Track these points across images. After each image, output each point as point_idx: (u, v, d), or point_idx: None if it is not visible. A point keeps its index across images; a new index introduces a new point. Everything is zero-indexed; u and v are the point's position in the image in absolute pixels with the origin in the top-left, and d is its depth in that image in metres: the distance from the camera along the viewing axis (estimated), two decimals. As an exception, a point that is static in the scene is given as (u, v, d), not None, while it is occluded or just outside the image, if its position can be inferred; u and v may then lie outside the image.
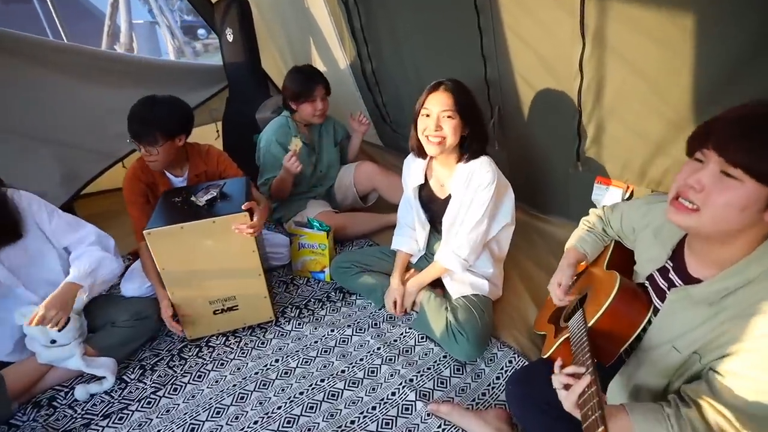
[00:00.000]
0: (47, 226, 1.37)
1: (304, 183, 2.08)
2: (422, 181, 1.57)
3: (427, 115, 1.37)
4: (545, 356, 1.11)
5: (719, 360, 0.72)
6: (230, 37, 2.45)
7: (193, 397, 1.33)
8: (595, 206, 1.32)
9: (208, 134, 2.79)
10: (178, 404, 1.31)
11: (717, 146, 0.67)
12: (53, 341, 1.31)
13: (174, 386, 1.37)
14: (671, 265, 0.87)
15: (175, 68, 2.70)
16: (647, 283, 0.93)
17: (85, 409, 1.30)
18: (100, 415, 1.28)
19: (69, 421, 1.26)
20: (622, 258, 1.11)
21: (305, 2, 2.42)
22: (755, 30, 1.01)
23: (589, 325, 0.91)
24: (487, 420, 1.16)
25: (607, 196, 1.65)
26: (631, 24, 1.22)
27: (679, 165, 1.40)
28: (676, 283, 0.84)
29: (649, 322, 0.89)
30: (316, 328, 1.58)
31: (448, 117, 1.34)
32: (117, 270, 1.43)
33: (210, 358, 1.47)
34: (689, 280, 0.81)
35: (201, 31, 9.59)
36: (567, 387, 0.78)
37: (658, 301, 0.89)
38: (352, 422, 1.22)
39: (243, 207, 1.37)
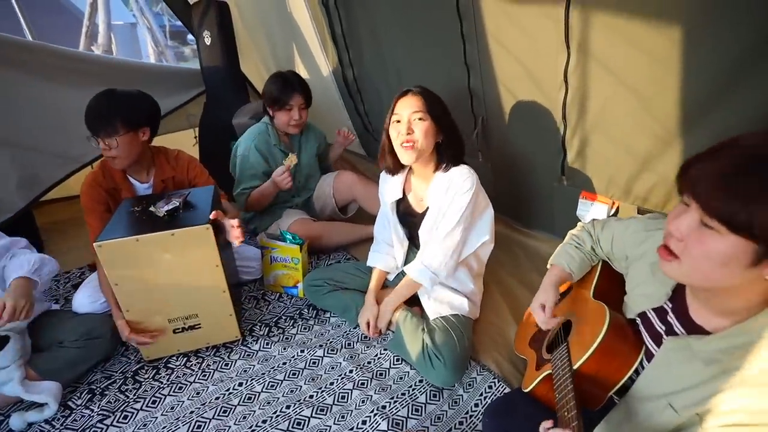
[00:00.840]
0: None
1: (282, 194, 1.99)
2: (400, 196, 1.49)
3: (398, 121, 1.31)
4: (526, 390, 1.02)
5: (726, 428, 0.62)
6: (207, 40, 2.36)
7: (144, 425, 1.21)
8: (579, 221, 1.25)
9: (185, 140, 2.69)
10: (127, 434, 1.19)
11: (694, 194, 0.60)
12: (-11, 364, 1.18)
13: (124, 413, 1.25)
14: (670, 306, 0.78)
15: (150, 71, 2.60)
16: (638, 320, 0.85)
17: (21, 440, 1.17)
18: (37, 447, 1.16)
19: (1, 454, 1.14)
20: (610, 281, 1.03)
21: (288, 7, 2.36)
22: (746, 44, 0.96)
23: (575, 368, 0.83)
24: (463, 453, 1.07)
25: (592, 211, 1.59)
26: (617, 34, 1.17)
27: (665, 182, 1.37)
28: (676, 329, 0.75)
29: (642, 366, 0.81)
30: (285, 348, 1.48)
31: (420, 119, 1.29)
32: (55, 270, 1.32)
33: (167, 381, 1.36)
34: (691, 326, 0.73)
35: (189, 37, 9.49)
36: None
37: (651, 343, 0.80)
38: (318, 455, 1.13)
39: (210, 216, 1.27)
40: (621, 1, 1.11)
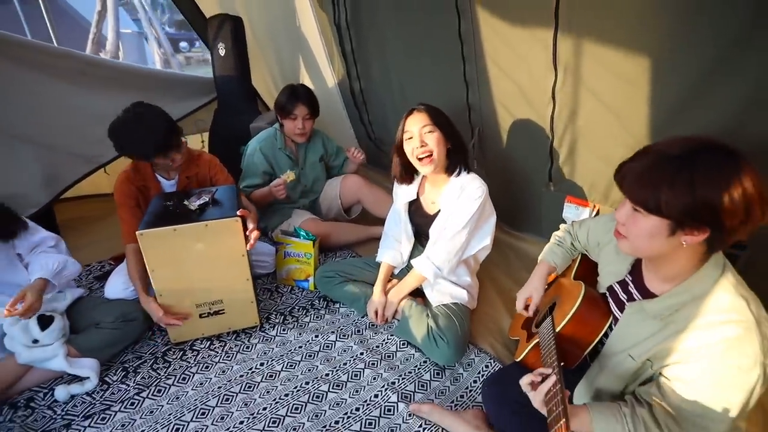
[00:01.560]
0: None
1: (290, 194, 2.14)
2: (414, 197, 1.66)
3: (410, 138, 1.46)
4: (518, 359, 1.20)
5: (668, 367, 0.82)
6: (222, 52, 2.52)
7: (177, 398, 1.34)
8: (564, 223, 1.44)
9: (193, 144, 2.81)
10: (162, 405, 1.31)
11: (623, 189, 0.81)
12: (35, 341, 1.30)
13: (158, 388, 1.37)
14: (631, 279, 0.97)
15: (163, 77, 2.73)
16: (607, 293, 1.04)
17: (66, 410, 1.28)
18: (81, 415, 1.27)
19: (48, 421, 1.25)
20: (587, 269, 1.22)
21: (297, 22, 2.54)
22: (701, 70, 1.17)
23: (557, 330, 1.01)
24: (466, 419, 1.22)
25: (575, 214, 1.79)
26: (597, 59, 1.37)
27: None
28: (635, 296, 0.94)
29: (611, 329, 0.99)
30: (300, 334, 1.62)
31: (429, 131, 1.45)
32: (76, 273, 1.44)
33: (194, 361, 1.48)
34: (646, 293, 0.91)
35: (183, 44, 9.62)
36: (533, 386, 0.87)
37: (617, 310, 0.99)
38: (336, 422, 1.27)
39: (238, 213, 1.42)
40: (600, 32, 1.32)
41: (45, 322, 1.32)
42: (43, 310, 1.34)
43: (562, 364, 0.88)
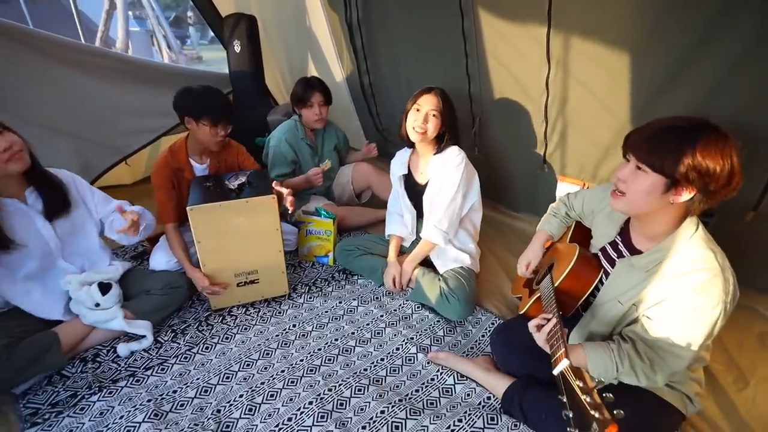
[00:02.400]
0: (90, 199, 1.56)
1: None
2: (406, 172, 1.87)
3: (418, 110, 1.68)
4: (521, 312, 1.41)
5: (649, 308, 1.00)
6: (237, 48, 2.69)
7: (223, 354, 1.52)
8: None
9: (207, 136, 2.98)
10: (211, 359, 1.49)
11: (632, 150, 0.96)
12: (97, 304, 1.47)
13: (205, 345, 1.55)
14: (620, 239, 1.15)
15: (184, 73, 2.89)
16: (600, 254, 1.22)
17: (128, 363, 1.46)
18: (142, 367, 1.44)
19: (115, 372, 1.42)
20: (581, 234, 1.42)
21: (307, 21, 2.72)
22: (674, 60, 1.39)
23: (555, 285, 1.20)
24: (477, 363, 1.43)
25: (568, 192, 2.00)
26: (584, 53, 1.59)
27: None
28: (624, 254, 1.11)
29: (602, 283, 1.19)
30: (325, 301, 1.81)
31: (434, 116, 1.66)
32: (152, 224, 1.62)
33: (234, 324, 1.67)
34: (633, 250, 1.09)
35: (186, 42, 9.67)
36: (539, 328, 1.06)
37: (608, 267, 1.18)
38: (365, 369, 1.46)
39: (274, 187, 1.62)
40: (586, 29, 1.54)
41: (104, 288, 1.50)
42: (101, 279, 1.51)
43: (560, 312, 1.07)
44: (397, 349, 1.55)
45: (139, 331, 1.51)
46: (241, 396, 1.35)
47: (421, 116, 1.66)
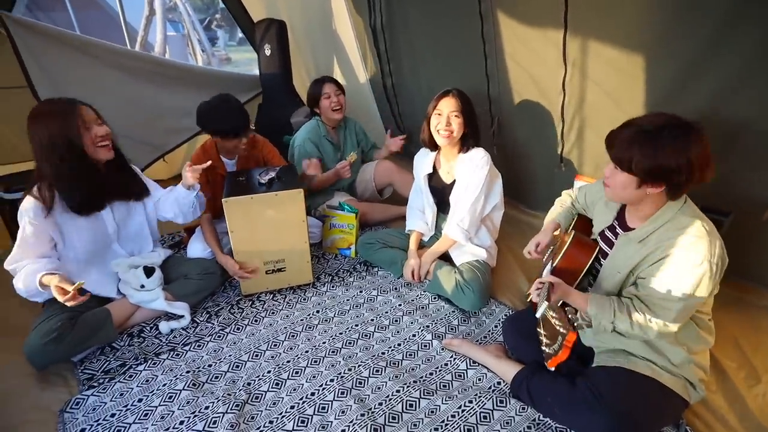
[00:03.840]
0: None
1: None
2: (431, 171, 1.95)
3: (439, 114, 1.77)
4: (528, 299, 1.45)
5: (644, 270, 1.13)
6: (268, 52, 2.84)
7: (253, 334, 1.66)
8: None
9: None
10: (242, 339, 1.63)
11: (609, 151, 1.12)
12: (142, 286, 1.63)
13: (237, 326, 1.69)
14: (617, 223, 1.28)
15: (217, 75, 3.08)
16: (599, 238, 1.32)
17: (169, 339, 1.62)
18: (181, 344, 1.60)
19: (157, 346, 1.58)
20: (582, 225, 1.49)
21: (333, 25, 2.85)
22: (686, 61, 1.42)
23: (554, 265, 1.29)
24: (489, 350, 1.51)
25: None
26: (599, 56, 1.64)
27: None
28: (620, 233, 1.24)
29: (600, 264, 1.28)
30: (347, 290, 1.92)
31: (455, 116, 1.75)
32: (204, 203, 1.80)
33: (263, 308, 1.80)
34: (628, 230, 1.22)
35: (217, 44, 10.04)
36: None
37: (607, 247, 1.28)
38: (383, 353, 1.56)
39: (304, 169, 1.84)
40: (602, 32, 1.59)
41: (149, 271, 1.66)
42: (146, 263, 1.67)
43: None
44: (414, 335, 1.65)
45: (178, 311, 1.66)
46: (269, 372, 1.47)
47: (444, 119, 1.75)
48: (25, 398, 1.35)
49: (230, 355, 1.55)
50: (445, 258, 1.98)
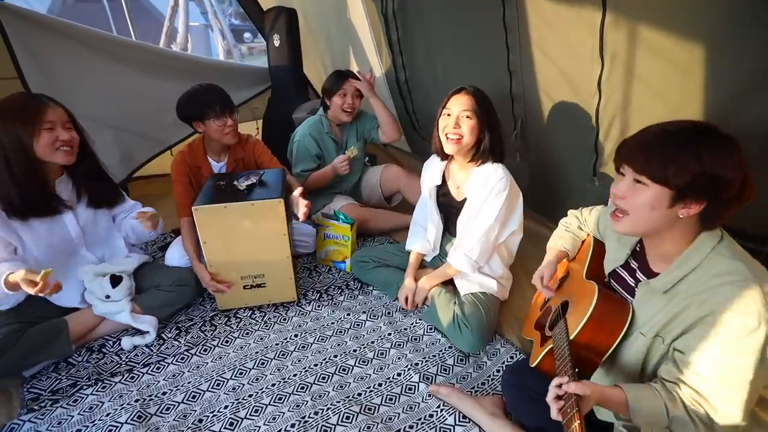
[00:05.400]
0: None
1: (334, 178, 2.22)
2: (439, 182, 1.68)
3: (448, 115, 1.47)
4: (533, 365, 1.11)
5: (677, 340, 0.83)
6: (276, 42, 2.66)
7: (220, 358, 1.49)
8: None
9: (249, 131, 3.02)
10: (207, 362, 1.47)
11: (627, 161, 0.83)
12: (108, 296, 1.51)
13: (204, 347, 1.53)
14: (637, 265, 0.98)
15: (224, 68, 2.95)
16: (611, 280, 1.04)
17: (129, 357, 1.48)
18: (140, 363, 1.46)
19: (115, 365, 1.45)
20: (600, 265, 1.13)
21: (348, 14, 2.61)
22: (762, 59, 1.08)
23: (571, 338, 0.95)
24: (483, 404, 1.25)
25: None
26: (646, 47, 1.30)
27: None
28: (642, 280, 0.95)
29: None
30: (333, 311, 1.71)
31: (467, 117, 1.45)
32: (158, 231, 1.64)
33: (237, 327, 1.63)
34: (651, 274, 0.93)
35: (247, 35, 10.16)
36: (558, 398, 0.82)
37: (625, 294, 0.99)
38: (359, 394, 1.34)
39: (294, 195, 1.59)
40: (650, 17, 1.25)
41: (115, 280, 1.53)
42: (114, 271, 1.54)
43: (577, 370, 0.86)
44: (399, 374, 1.42)
45: (143, 327, 1.53)
46: (226, 407, 1.30)
47: (453, 120, 1.45)
48: (-37, 417, 1.26)
49: (189, 382, 1.39)
50: (449, 281, 1.71)
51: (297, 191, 1.60)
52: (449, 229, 1.72)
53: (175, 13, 5.34)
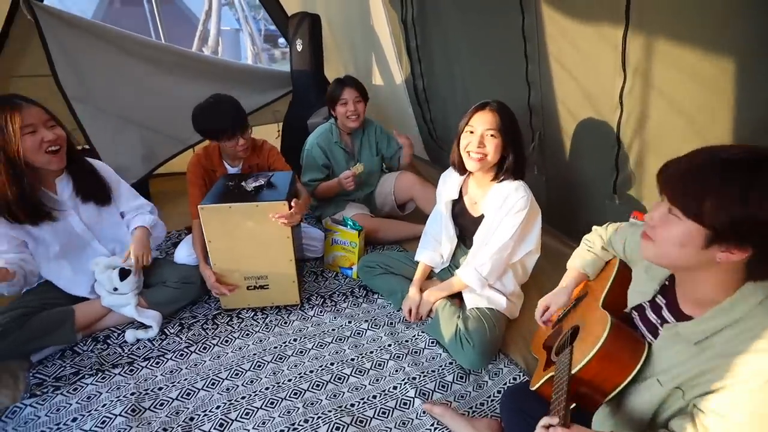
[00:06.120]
0: (116, 189, 1.62)
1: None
2: (456, 197, 1.64)
3: (471, 132, 1.43)
4: (533, 388, 1.06)
5: (702, 397, 0.73)
6: (299, 47, 2.70)
7: (218, 357, 1.49)
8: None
9: (270, 133, 3.08)
10: (205, 361, 1.47)
11: (664, 189, 0.74)
12: (115, 289, 1.54)
13: (204, 345, 1.54)
14: (664, 302, 0.88)
15: (247, 71, 3.01)
16: (634, 313, 0.94)
17: (131, 350, 1.51)
18: (141, 357, 1.48)
19: (117, 357, 1.48)
20: (622, 290, 1.05)
21: (371, 21, 2.63)
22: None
23: (572, 372, 0.88)
24: (477, 427, 1.19)
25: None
26: (671, 61, 1.23)
27: None
28: (668, 320, 0.85)
29: None
30: (335, 318, 1.69)
31: (492, 136, 1.40)
32: (163, 235, 1.68)
33: (238, 327, 1.64)
34: (680, 316, 0.83)
35: (281, 40, 10.43)
36: None
37: (647, 333, 0.89)
38: (352, 405, 1.31)
39: (287, 203, 1.54)
40: (676, 31, 1.19)
41: (124, 274, 1.56)
42: (123, 265, 1.58)
43: (574, 405, 0.81)
44: (395, 387, 1.38)
45: (147, 321, 1.55)
46: (218, 407, 1.30)
47: (476, 139, 1.41)
48: (-29, 397, 1.31)
49: (185, 380, 1.39)
50: (459, 294, 1.66)
51: (294, 207, 1.56)
52: (464, 242, 1.67)
53: (209, 17, 5.55)
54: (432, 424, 1.24)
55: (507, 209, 1.44)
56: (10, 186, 1.28)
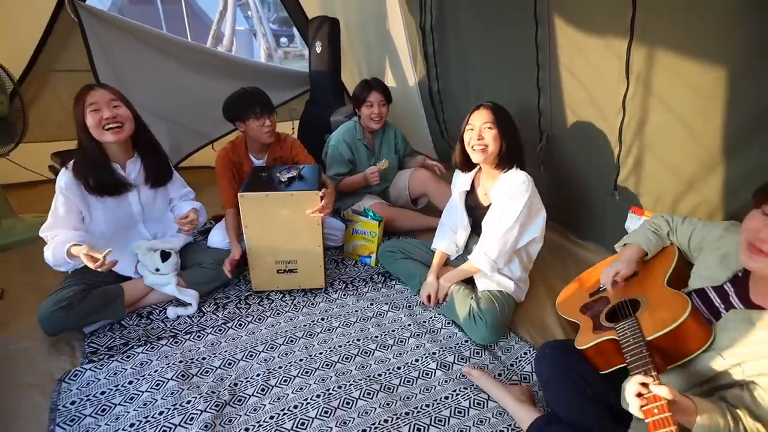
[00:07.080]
0: (171, 176, 1.78)
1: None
2: (468, 188, 1.80)
3: (471, 129, 1.62)
4: (580, 347, 1.12)
5: (761, 375, 0.82)
6: (318, 49, 2.84)
7: (253, 333, 1.63)
8: (626, 234, 1.41)
9: (285, 131, 3.20)
10: (242, 336, 1.61)
11: None
12: (157, 269, 1.67)
13: (240, 322, 1.68)
14: (732, 289, 0.96)
15: (267, 70, 3.16)
16: (694, 294, 1.04)
17: (173, 325, 1.64)
18: (183, 331, 1.61)
19: (161, 330, 1.61)
20: (676, 274, 1.17)
21: (387, 25, 2.77)
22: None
23: (649, 339, 0.95)
24: (511, 391, 1.30)
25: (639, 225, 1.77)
26: (671, 70, 1.39)
27: (708, 202, 1.56)
28: (736, 306, 0.94)
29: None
30: (357, 300, 1.83)
31: (488, 128, 1.59)
32: (204, 220, 1.82)
33: (269, 307, 1.77)
34: (750, 305, 0.91)
35: (283, 40, 10.54)
36: (639, 395, 0.80)
37: (709, 315, 0.99)
38: (379, 375, 1.45)
39: (320, 193, 1.68)
40: (675, 44, 1.35)
41: (165, 256, 1.69)
42: (164, 248, 1.71)
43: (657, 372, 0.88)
44: (417, 360, 1.52)
45: (187, 299, 1.68)
46: (258, 375, 1.43)
47: (476, 133, 1.60)
48: (33, 361, 1.43)
49: (226, 351, 1.53)
50: (468, 279, 1.81)
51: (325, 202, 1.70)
52: (476, 231, 1.83)
53: (223, 17, 5.69)
54: (454, 390, 1.38)
55: (510, 194, 1.61)
56: (86, 155, 1.48)
